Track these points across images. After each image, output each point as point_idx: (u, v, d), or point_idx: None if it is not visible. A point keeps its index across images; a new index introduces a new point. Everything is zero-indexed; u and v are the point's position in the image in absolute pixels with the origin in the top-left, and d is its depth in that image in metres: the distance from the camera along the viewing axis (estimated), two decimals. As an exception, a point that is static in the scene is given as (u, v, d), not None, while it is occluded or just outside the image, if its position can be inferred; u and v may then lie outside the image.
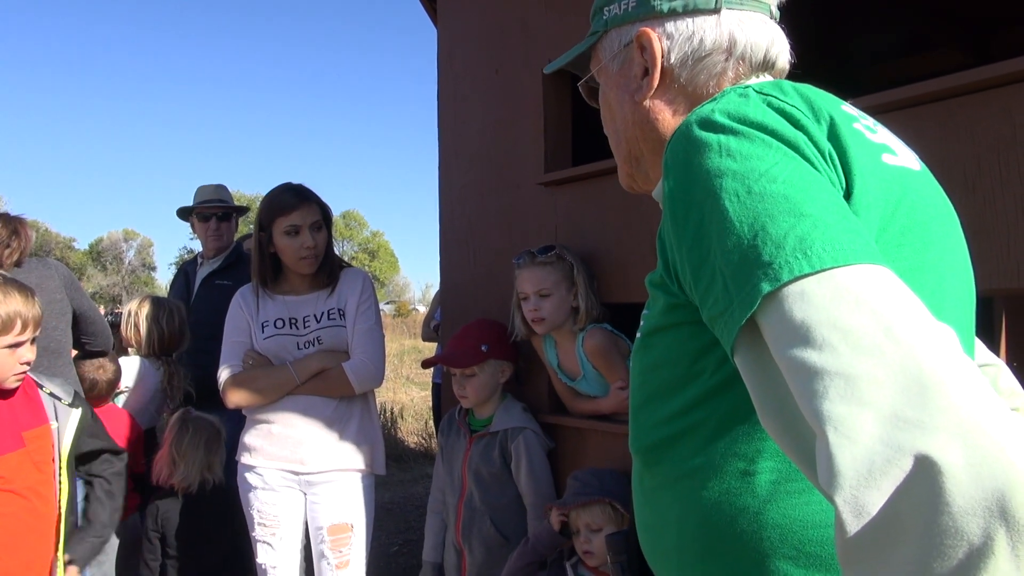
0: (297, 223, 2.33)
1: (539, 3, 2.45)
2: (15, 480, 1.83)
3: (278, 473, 2.36)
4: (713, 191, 0.67)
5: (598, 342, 2.15)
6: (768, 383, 0.63)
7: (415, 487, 5.86)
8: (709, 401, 0.78)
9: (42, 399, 1.96)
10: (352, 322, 2.39)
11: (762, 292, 0.60)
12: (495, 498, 2.28)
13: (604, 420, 2.21)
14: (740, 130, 0.70)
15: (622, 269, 2.17)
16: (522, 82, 2.50)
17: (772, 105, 0.73)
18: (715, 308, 0.66)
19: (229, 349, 2.43)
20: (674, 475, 0.82)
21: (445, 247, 2.84)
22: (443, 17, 2.88)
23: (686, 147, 0.72)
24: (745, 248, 0.62)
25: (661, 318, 0.82)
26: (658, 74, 0.91)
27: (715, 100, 0.77)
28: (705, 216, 0.67)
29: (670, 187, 0.73)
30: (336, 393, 2.34)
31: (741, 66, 0.90)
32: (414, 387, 11.50)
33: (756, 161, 0.67)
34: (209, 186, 3.64)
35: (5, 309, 1.81)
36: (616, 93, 0.97)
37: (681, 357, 0.80)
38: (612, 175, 2.19)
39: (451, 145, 2.82)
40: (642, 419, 0.87)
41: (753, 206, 0.64)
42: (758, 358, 0.63)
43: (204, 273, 3.53)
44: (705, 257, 0.67)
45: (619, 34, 0.95)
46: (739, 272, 0.62)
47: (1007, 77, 1.39)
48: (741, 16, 0.90)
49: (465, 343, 2.35)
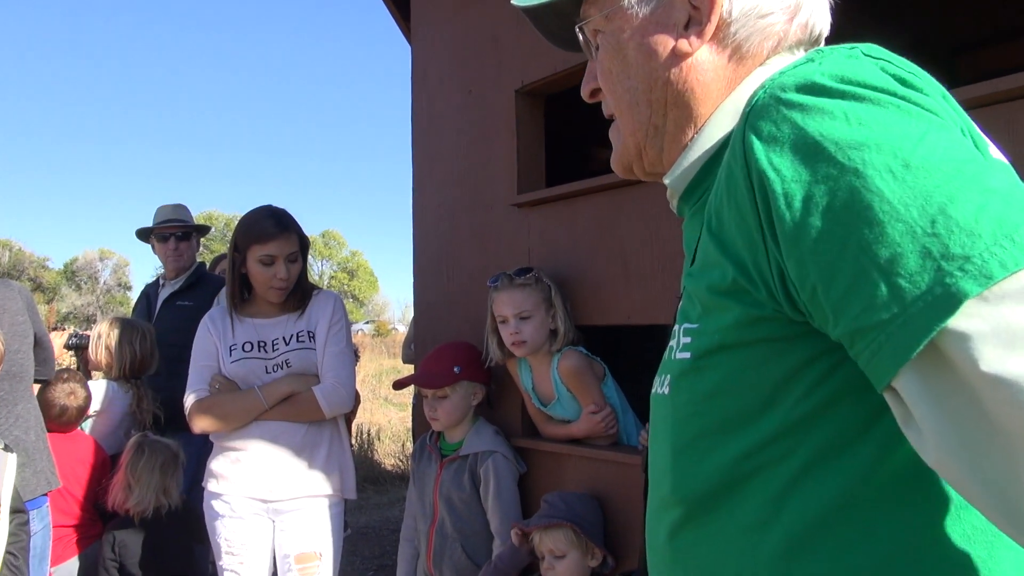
0: (273, 253, 2.30)
1: (512, 24, 2.44)
2: None
3: (245, 501, 2.30)
4: (850, 167, 0.53)
5: (573, 363, 2.12)
6: (950, 414, 0.50)
7: (391, 510, 5.78)
8: (791, 435, 0.63)
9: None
10: (323, 345, 2.34)
11: (966, 294, 0.47)
12: (466, 524, 2.23)
13: (578, 444, 2.18)
14: (865, 95, 0.56)
15: (596, 291, 2.15)
16: (495, 103, 2.49)
17: (887, 70, 0.59)
18: (868, 317, 0.52)
19: (196, 374, 2.37)
20: (734, 527, 0.66)
21: (419, 267, 2.81)
22: (417, 36, 2.87)
23: (791, 115, 0.58)
24: (920, 237, 0.49)
25: (730, 334, 0.65)
26: (714, 25, 0.75)
27: (812, 61, 0.62)
28: (838, 199, 0.53)
29: (768, 167, 0.58)
30: (306, 418, 2.29)
31: (801, 33, 0.77)
32: (392, 407, 11.40)
33: (902, 128, 0.54)
34: (168, 206, 3.60)
35: None
36: (640, 43, 0.78)
37: (758, 381, 0.64)
38: (586, 196, 2.18)
39: (424, 165, 2.80)
40: (691, 459, 0.69)
41: (917, 183, 0.51)
42: (936, 382, 0.50)
43: (165, 294, 3.49)
44: (843, 251, 0.53)
45: None
46: (916, 270, 0.49)
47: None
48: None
49: (438, 364, 2.31)
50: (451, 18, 2.70)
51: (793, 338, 0.62)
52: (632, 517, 2.02)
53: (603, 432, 2.13)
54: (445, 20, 2.73)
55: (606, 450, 2.10)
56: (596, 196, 2.16)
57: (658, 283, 1.98)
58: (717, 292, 0.66)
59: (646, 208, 2.01)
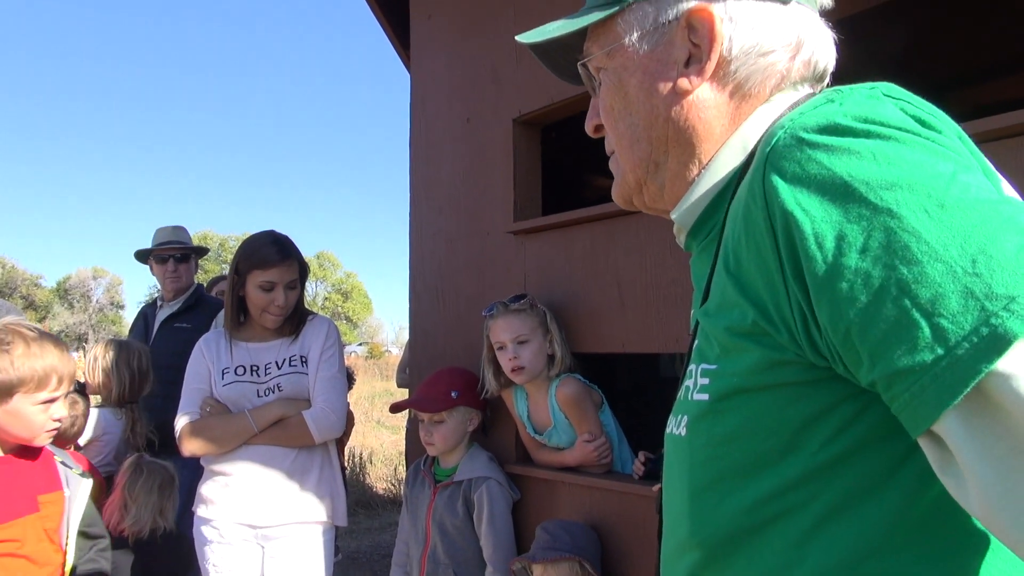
0: (273, 280, 2.31)
1: (510, 54, 2.48)
2: (27, 545, 1.74)
3: (234, 526, 2.28)
4: (884, 208, 0.53)
5: (572, 391, 2.13)
6: (996, 460, 0.48)
7: (383, 535, 5.73)
8: (813, 481, 0.61)
9: (55, 465, 1.89)
10: (315, 369, 2.34)
11: (1016, 335, 0.46)
12: (459, 550, 2.22)
13: (573, 472, 2.18)
14: (891, 134, 0.56)
15: (591, 319, 2.16)
16: (493, 132, 2.52)
17: (906, 111, 0.60)
18: (908, 359, 0.50)
19: (188, 396, 2.37)
20: (756, 574, 0.65)
21: (415, 292, 2.82)
22: (416, 65, 2.91)
23: (816, 156, 0.57)
24: (962, 277, 0.49)
25: (750, 377, 0.64)
26: (714, 63, 0.75)
27: (833, 102, 0.62)
28: (873, 240, 0.52)
29: (796, 208, 0.57)
30: (295, 443, 2.29)
31: (799, 72, 0.77)
32: (384, 431, 11.34)
33: (932, 167, 0.54)
34: (167, 228, 3.61)
35: (42, 364, 1.74)
36: (642, 79, 0.78)
37: (779, 426, 0.63)
38: (582, 225, 2.21)
39: (422, 191, 2.82)
40: (710, 502, 0.68)
41: (954, 223, 0.50)
42: (982, 427, 0.49)
43: (163, 316, 3.48)
44: (881, 294, 0.52)
45: (656, 8, 0.77)
46: (961, 311, 0.48)
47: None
48: (807, 14, 0.77)
49: (435, 389, 2.32)
50: (450, 48, 2.74)
51: (815, 382, 0.61)
52: (625, 546, 2.02)
53: (596, 461, 2.13)
54: (444, 50, 2.77)
55: (600, 478, 2.11)
56: (592, 225, 2.18)
57: (653, 312, 2.00)
58: (736, 334, 0.65)
59: (641, 237, 2.03)
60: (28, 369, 1.72)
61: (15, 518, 1.73)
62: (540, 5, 2.40)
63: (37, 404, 1.75)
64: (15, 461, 1.80)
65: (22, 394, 1.72)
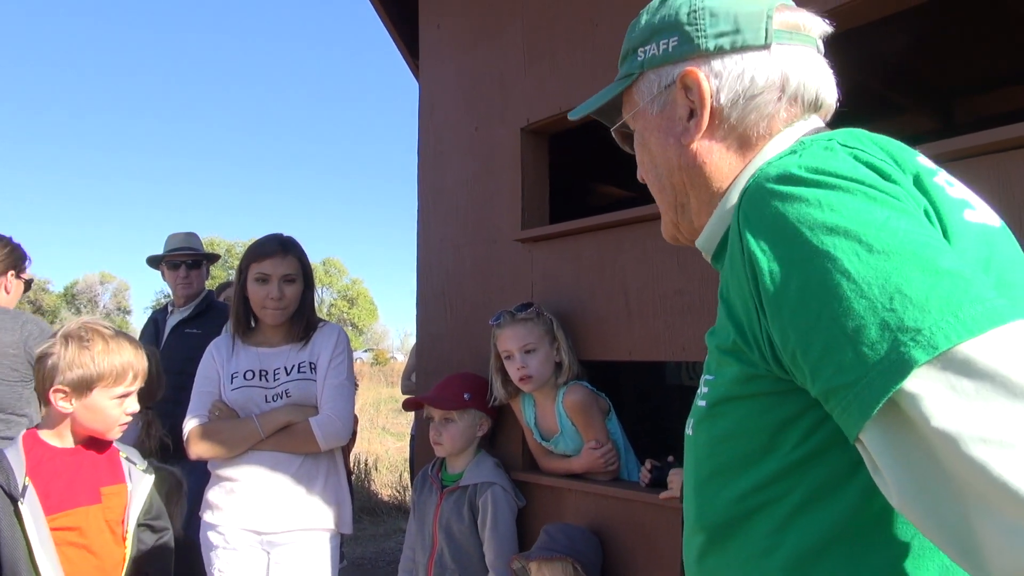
0: (267, 272, 2.33)
1: (518, 63, 2.50)
2: (90, 535, 1.79)
3: (240, 532, 2.29)
4: (822, 250, 0.62)
5: (579, 397, 2.14)
6: (909, 462, 0.57)
7: (387, 542, 5.72)
8: (788, 477, 0.72)
9: (120, 459, 1.95)
10: (323, 376, 2.35)
11: (916, 362, 0.55)
12: (465, 556, 2.23)
13: (578, 479, 2.18)
14: (837, 183, 0.65)
15: (598, 327, 2.17)
16: (500, 140, 2.53)
17: (859, 159, 0.69)
18: (837, 379, 0.60)
19: (196, 400, 2.38)
20: (746, 554, 0.76)
21: (422, 299, 2.83)
22: (425, 73, 2.93)
23: (772, 202, 0.67)
24: (880, 312, 0.57)
25: (733, 387, 0.76)
26: (707, 115, 0.86)
27: (795, 153, 0.73)
28: (814, 277, 0.62)
29: (756, 248, 0.67)
30: (301, 449, 2.29)
31: (794, 106, 0.85)
32: (389, 437, 11.34)
33: (866, 215, 0.62)
34: (179, 234, 3.64)
35: (120, 360, 1.83)
36: (658, 137, 0.91)
37: (758, 430, 0.74)
38: (589, 233, 2.22)
39: (429, 199, 2.84)
40: (710, 493, 0.80)
41: (879, 265, 0.59)
42: (896, 435, 0.57)
43: (174, 321, 3.50)
44: (817, 322, 0.61)
45: (658, 75, 0.90)
46: (876, 340, 0.57)
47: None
48: (792, 52, 0.85)
49: (448, 390, 2.34)
50: (459, 57, 2.76)
51: (784, 393, 0.70)
52: (630, 553, 2.02)
53: (603, 468, 2.14)
54: (453, 59, 2.79)
55: (606, 486, 2.11)
56: (599, 233, 2.19)
57: (659, 320, 2.00)
58: (722, 350, 0.77)
59: (648, 246, 2.04)
60: (107, 365, 1.81)
61: (77, 506, 1.78)
62: (548, 15, 2.42)
63: (114, 399, 1.83)
64: (83, 452, 1.86)
65: (101, 388, 1.80)
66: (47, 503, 1.73)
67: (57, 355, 1.79)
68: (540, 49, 2.43)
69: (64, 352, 1.79)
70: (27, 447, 1.78)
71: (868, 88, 3.02)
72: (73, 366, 1.78)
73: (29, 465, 1.74)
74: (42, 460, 1.78)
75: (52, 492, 1.76)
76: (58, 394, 1.78)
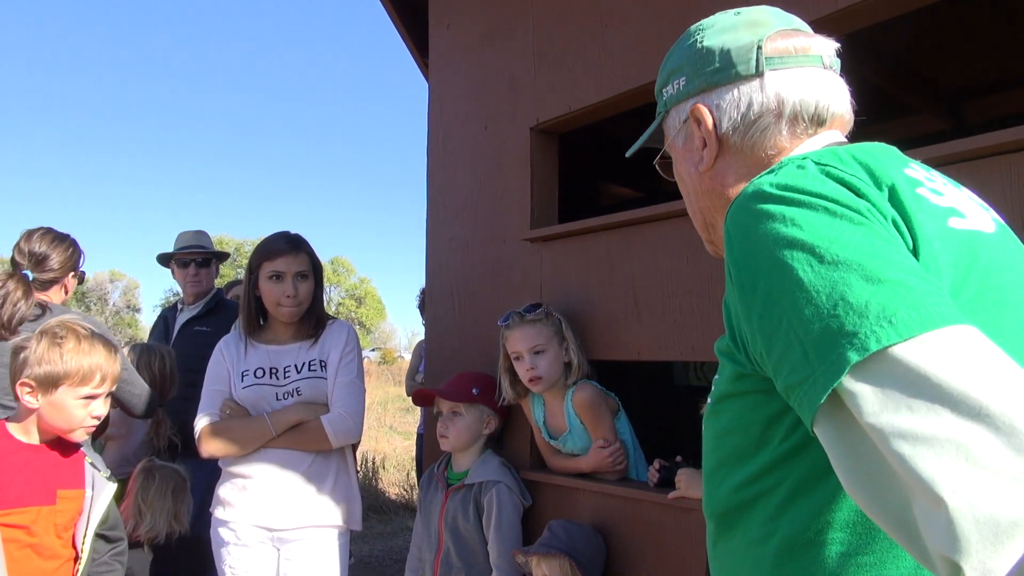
0: (281, 269, 2.34)
1: (528, 62, 2.51)
2: (38, 536, 1.78)
3: (251, 529, 2.30)
4: (782, 261, 0.68)
5: (588, 396, 2.15)
6: (854, 453, 0.62)
7: (395, 540, 5.74)
8: (779, 468, 0.78)
9: (84, 465, 1.94)
10: (334, 374, 2.36)
11: (849, 362, 0.60)
12: (471, 554, 2.24)
13: (586, 478, 2.19)
14: (800, 200, 0.71)
15: (607, 326, 2.18)
16: (510, 139, 2.54)
17: (831, 175, 0.74)
18: (792, 377, 0.66)
19: (207, 398, 2.40)
20: (746, 540, 0.82)
21: (431, 298, 2.84)
22: (434, 72, 2.94)
23: (745, 218, 0.74)
24: (825, 317, 0.63)
25: (729, 385, 0.83)
26: (715, 143, 0.95)
27: (772, 172, 0.78)
28: (775, 286, 0.68)
29: (733, 258, 0.74)
30: (312, 447, 2.31)
31: (797, 125, 0.91)
32: (397, 436, 11.36)
33: (823, 229, 0.68)
34: (189, 232, 3.66)
35: (88, 361, 1.83)
36: (684, 166, 1.01)
37: (751, 425, 0.81)
38: (598, 233, 2.22)
39: (439, 198, 2.85)
40: (715, 484, 0.87)
41: (828, 274, 0.64)
42: (842, 428, 0.63)
43: (183, 319, 3.52)
44: (777, 326, 0.67)
45: (677, 112, 1.00)
46: (820, 342, 0.63)
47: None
48: (787, 75, 0.91)
49: (458, 384, 2.36)
50: (469, 56, 2.77)
51: (769, 391, 0.74)
52: (638, 552, 2.02)
53: (611, 467, 2.14)
54: (463, 58, 2.80)
55: (614, 485, 2.11)
56: (608, 233, 2.20)
57: (668, 320, 2.01)
58: (721, 352, 0.84)
59: (657, 246, 2.05)
60: (75, 364, 1.80)
61: (29, 505, 1.77)
62: (558, 15, 2.43)
63: (79, 399, 1.82)
64: (46, 451, 1.85)
65: (66, 387, 1.80)
66: (1, 496, 1.73)
67: (30, 349, 1.80)
68: (550, 49, 2.44)
69: (36, 347, 1.80)
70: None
71: (877, 88, 3.01)
72: (42, 361, 1.78)
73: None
74: (3, 454, 1.78)
75: (6, 487, 1.75)
76: (24, 388, 1.79)
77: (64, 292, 2.57)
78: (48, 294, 2.47)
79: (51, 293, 2.49)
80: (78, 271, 2.61)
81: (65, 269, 2.51)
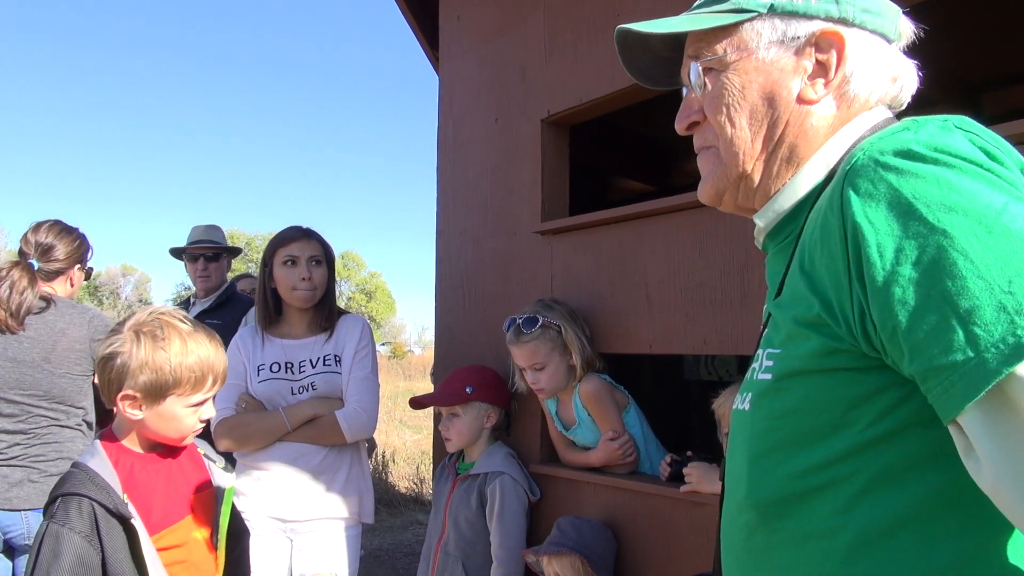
0: (295, 254, 2.36)
1: (538, 55, 2.49)
2: (191, 548, 1.57)
3: (265, 519, 2.32)
4: (939, 227, 0.61)
5: (593, 388, 2.15)
6: (1014, 448, 0.57)
7: (404, 533, 5.76)
8: (859, 455, 0.70)
9: (203, 460, 1.71)
10: (348, 369, 2.37)
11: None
12: (468, 544, 2.25)
13: (596, 472, 2.18)
14: (956, 163, 0.65)
15: (618, 320, 2.16)
16: (521, 132, 2.53)
17: (974, 142, 0.68)
18: (943, 358, 0.59)
19: (223, 392, 2.40)
20: (802, 534, 0.74)
21: (441, 291, 2.84)
22: (445, 65, 2.93)
23: (888, 176, 0.66)
24: (997, 293, 0.57)
25: (810, 361, 0.73)
26: (839, 79, 0.84)
27: (909, 130, 0.71)
28: (928, 254, 0.61)
29: (864, 220, 0.66)
30: (327, 441, 2.32)
31: (893, 98, 0.89)
32: (407, 430, 11.38)
33: (986, 196, 0.62)
34: (201, 226, 3.68)
35: (199, 364, 1.55)
36: (764, 84, 0.86)
37: (831, 404, 0.72)
38: (609, 226, 2.21)
39: (449, 191, 2.84)
40: (766, 467, 0.77)
41: (999, 246, 0.58)
42: (1002, 419, 0.57)
43: (195, 313, 3.54)
44: (927, 300, 0.61)
45: (786, 24, 0.85)
46: (992, 321, 0.57)
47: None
48: (899, 53, 0.90)
49: (451, 385, 2.36)
50: (479, 48, 2.75)
51: (866, 369, 0.69)
52: (649, 546, 2.01)
53: (620, 460, 2.14)
54: (473, 50, 2.78)
55: (624, 479, 2.10)
56: (619, 226, 2.18)
57: (680, 313, 1.99)
58: (801, 323, 0.74)
59: (668, 239, 2.03)
60: (185, 369, 1.52)
61: (178, 520, 1.56)
62: (569, 6, 2.41)
63: (189, 407, 1.56)
64: (170, 459, 1.61)
65: (176, 396, 1.53)
66: (149, 521, 1.48)
67: (127, 354, 1.49)
68: (561, 40, 2.42)
69: (135, 351, 1.49)
70: (113, 457, 1.51)
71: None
72: (145, 369, 1.49)
73: (122, 478, 1.48)
74: (132, 472, 1.52)
75: (152, 508, 1.51)
76: (126, 401, 1.50)
77: (70, 284, 2.57)
78: (53, 285, 2.48)
79: (56, 284, 2.49)
80: (85, 265, 2.60)
81: (71, 261, 2.51)
